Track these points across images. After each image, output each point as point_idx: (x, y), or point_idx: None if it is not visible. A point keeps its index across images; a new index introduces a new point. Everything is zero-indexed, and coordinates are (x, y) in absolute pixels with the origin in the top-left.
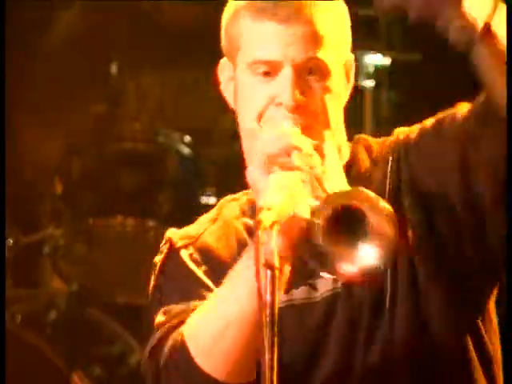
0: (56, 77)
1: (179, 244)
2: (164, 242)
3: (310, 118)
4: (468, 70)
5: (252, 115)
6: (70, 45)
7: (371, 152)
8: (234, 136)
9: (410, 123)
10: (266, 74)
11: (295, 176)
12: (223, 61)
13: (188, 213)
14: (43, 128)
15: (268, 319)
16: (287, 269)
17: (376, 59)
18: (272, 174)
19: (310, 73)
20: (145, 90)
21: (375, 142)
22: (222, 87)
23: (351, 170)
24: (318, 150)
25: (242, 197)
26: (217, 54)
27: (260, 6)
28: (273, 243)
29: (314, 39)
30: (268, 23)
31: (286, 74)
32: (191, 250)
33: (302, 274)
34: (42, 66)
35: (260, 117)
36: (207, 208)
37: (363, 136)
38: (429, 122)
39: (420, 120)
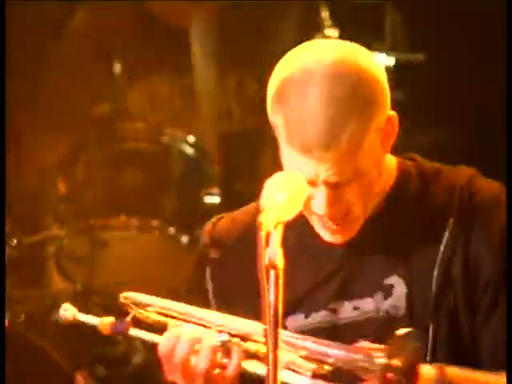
0: (59, 76)
1: None
2: None
3: (344, 211)
4: (471, 70)
5: None
6: (74, 45)
7: (424, 177)
8: (238, 136)
9: (413, 123)
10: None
11: (297, 176)
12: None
13: (192, 213)
14: (47, 128)
15: (271, 319)
16: None
17: (380, 59)
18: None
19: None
20: (149, 90)
21: (430, 168)
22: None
23: (400, 192)
24: None
25: None
26: (221, 56)
27: (300, 144)
28: (276, 244)
29: (346, 162)
30: (303, 156)
31: (321, 190)
32: None
33: (321, 299)
34: (45, 66)
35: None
36: (211, 208)
37: (416, 156)
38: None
39: (423, 121)
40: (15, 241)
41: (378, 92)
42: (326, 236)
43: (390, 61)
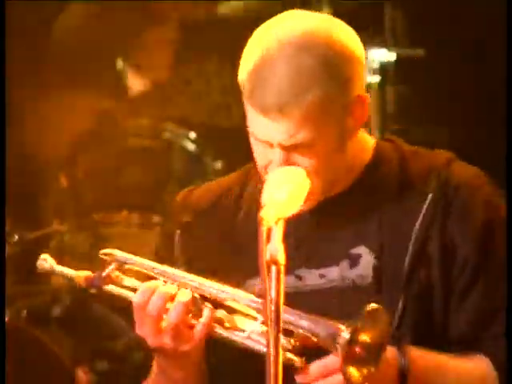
0: (62, 72)
1: None
2: None
3: None
4: (471, 66)
5: (259, 163)
6: (76, 41)
7: (403, 157)
8: (240, 132)
9: (415, 118)
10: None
11: (298, 171)
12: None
13: None
14: (48, 123)
15: (273, 315)
16: None
17: (381, 55)
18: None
19: (298, 147)
20: (151, 86)
21: (408, 149)
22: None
23: (376, 169)
24: None
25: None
26: (222, 49)
27: (260, 104)
28: (278, 240)
29: (301, 128)
30: (262, 117)
31: (276, 152)
32: None
33: (288, 265)
34: (48, 62)
35: (264, 169)
36: None
37: (395, 138)
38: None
39: (425, 116)
40: (16, 237)
41: (348, 67)
42: None
43: (391, 56)
